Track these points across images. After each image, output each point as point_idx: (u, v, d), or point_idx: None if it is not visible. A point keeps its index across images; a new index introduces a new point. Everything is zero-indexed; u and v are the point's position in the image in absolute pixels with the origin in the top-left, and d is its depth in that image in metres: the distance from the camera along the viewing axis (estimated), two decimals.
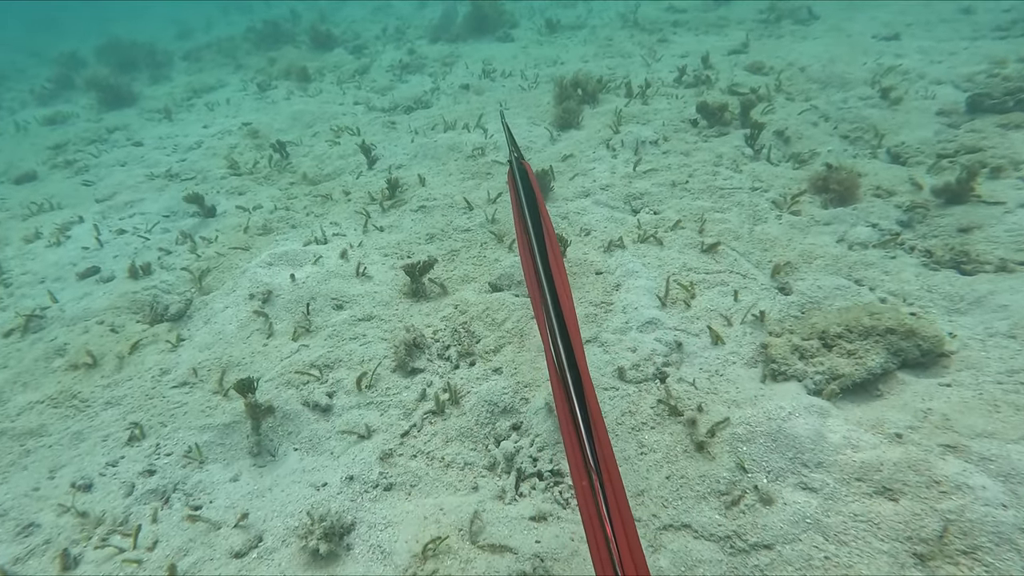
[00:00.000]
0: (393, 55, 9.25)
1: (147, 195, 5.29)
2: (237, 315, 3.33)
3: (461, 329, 2.99)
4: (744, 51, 7.03)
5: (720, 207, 3.72)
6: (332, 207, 4.46)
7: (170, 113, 7.65)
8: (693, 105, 5.37)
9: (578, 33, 9.19)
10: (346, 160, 5.27)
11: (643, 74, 6.56)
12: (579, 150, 4.69)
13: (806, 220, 3.54)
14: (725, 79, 6.03)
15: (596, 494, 1.10)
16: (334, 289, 3.39)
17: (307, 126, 6.48)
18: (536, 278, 1.65)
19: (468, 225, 3.85)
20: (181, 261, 4.04)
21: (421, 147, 5.01)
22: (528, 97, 6.18)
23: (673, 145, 4.61)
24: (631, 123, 5.10)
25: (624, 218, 3.71)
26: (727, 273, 3.13)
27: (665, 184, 4.04)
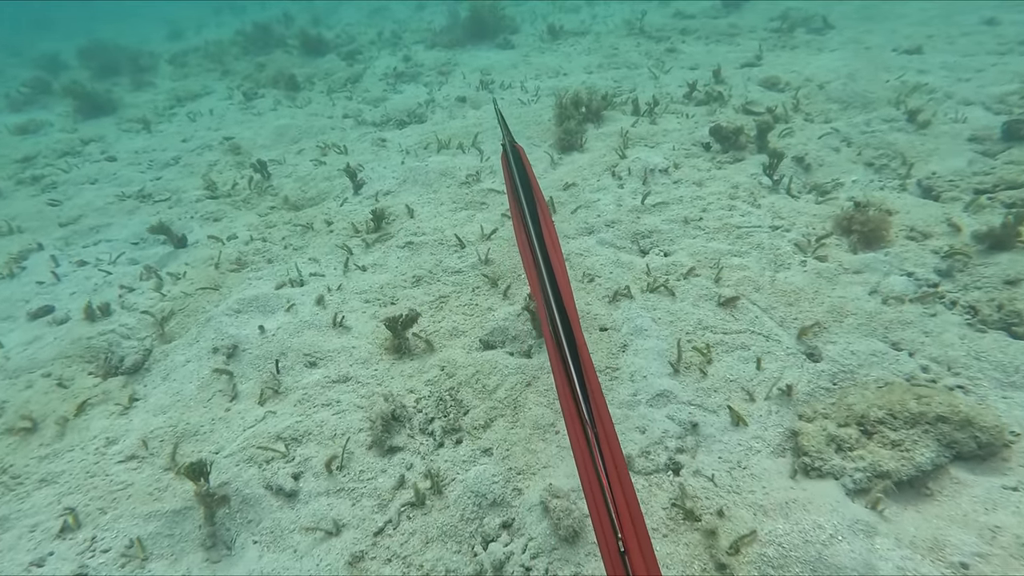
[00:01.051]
0: (388, 62, 8.96)
1: (115, 219, 4.99)
2: (199, 372, 3.02)
3: (447, 397, 2.69)
4: (757, 64, 6.74)
5: (738, 250, 3.41)
6: (312, 239, 4.15)
7: (149, 124, 7.35)
8: (705, 125, 5.07)
9: (582, 40, 8.89)
10: (331, 183, 4.97)
11: (651, 88, 6.26)
12: (582, 177, 4.39)
13: (834, 267, 3.23)
14: (738, 96, 5.73)
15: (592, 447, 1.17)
16: (307, 343, 3.09)
17: (292, 142, 6.18)
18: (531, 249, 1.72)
19: (459, 266, 3.54)
20: (144, 301, 3.73)
21: (411, 171, 4.71)
22: (528, 113, 5.88)
23: (685, 173, 4.31)
24: (638, 146, 4.80)
25: (632, 261, 3.41)
26: (747, 334, 2.82)
27: (677, 220, 3.73)
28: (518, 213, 2.05)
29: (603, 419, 1.23)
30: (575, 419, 1.26)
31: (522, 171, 2.26)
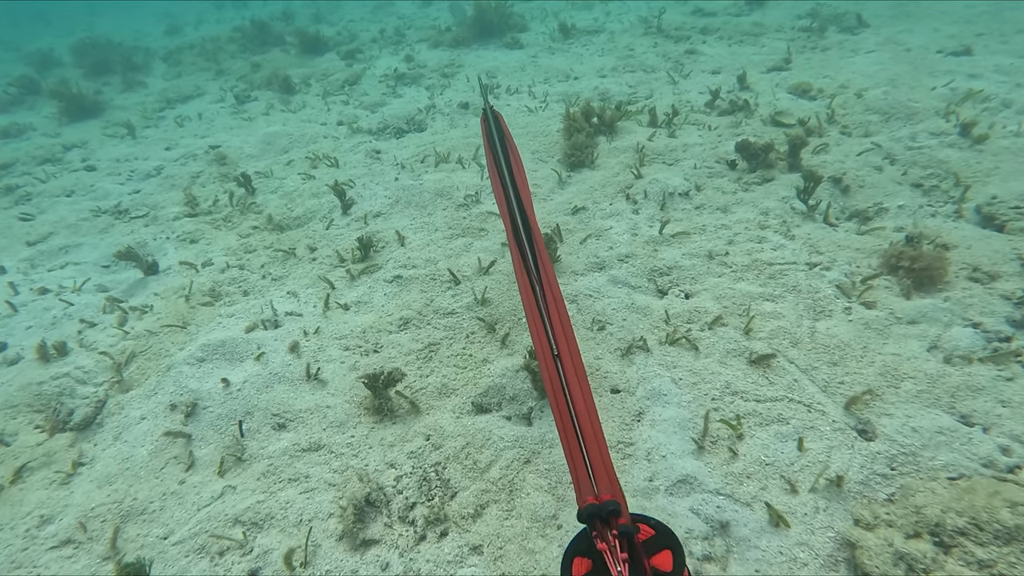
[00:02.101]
0: (388, 62, 8.62)
1: (87, 238, 4.70)
2: (153, 433, 2.70)
3: (432, 474, 2.34)
4: (786, 67, 6.32)
5: (770, 293, 3.03)
6: (294, 267, 3.83)
7: (134, 130, 7.08)
8: (729, 138, 4.68)
9: (595, 40, 8.50)
10: (319, 200, 4.64)
11: (669, 95, 5.87)
12: (593, 200, 4.02)
13: (884, 316, 2.84)
14: (766, 105, 5.32)
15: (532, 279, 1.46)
16: (277, 400, 2.76)
17: (282, 151, 5.86)
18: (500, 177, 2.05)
19: (452, 306, 3.20)
20: (105, 339, 3.43)
21: (405, 190, 4.37)
22: (535, 123, 5.51)
23: (708, 197, 3.93)
24: (656, 163, 4.42)
25: (648, 305, 3.04)
26: (785, 402, 2.45)
27: (699, 255, 3.36)
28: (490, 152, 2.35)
29: (545, 263, 1.55)
30: (520, 262, 1.57)
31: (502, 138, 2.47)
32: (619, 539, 0.94)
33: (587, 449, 1.15)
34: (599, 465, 1.12)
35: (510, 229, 1.76)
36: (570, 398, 1.21)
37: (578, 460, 1.15)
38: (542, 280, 1.44)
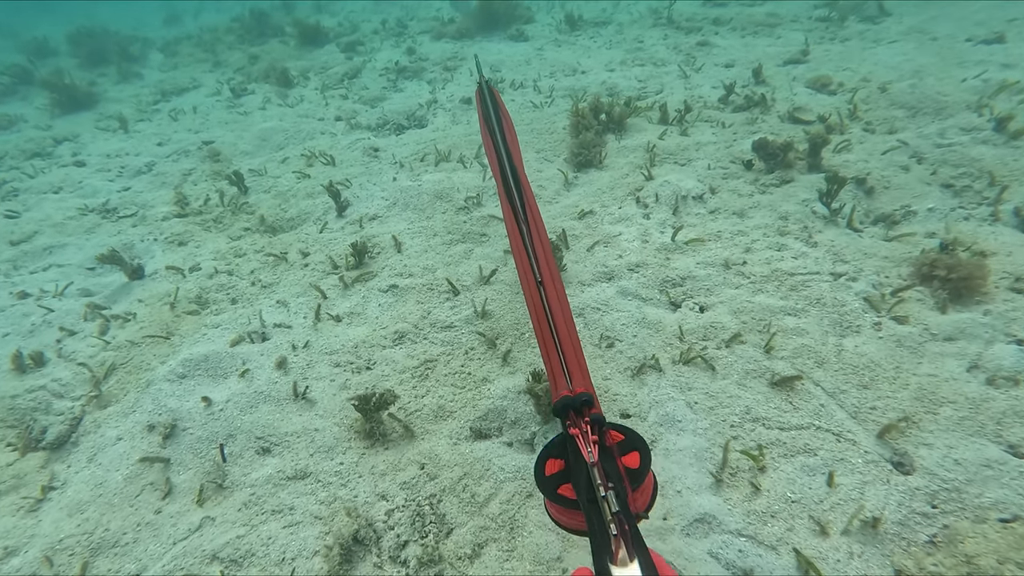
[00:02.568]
0: (390, 55, 8.41)
1: (72, 238, 4.54)
2: (129, 455, 2.54)
3: (427, 508, 2.17)
4: (804, 60, 6.07)
5: (792, 307, 2.84)
6: (285, 274, 3.65)
7: (127, 123, 6.91)
8: (745, 136, 4.47)
9: (603, 31, 8.26)
10: (314, 201, 4.46)
11: (681, 90, 5.65)
12: (601, 203, 3.82)
13: (917, 332, 2.64)
14: (783, 100, 5.10)
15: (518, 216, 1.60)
16: (262, 422, 2.59)
17: (277, 148, 5.68)
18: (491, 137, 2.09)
19: (451, 319, 3.02)
20: (85, 349, 3.27)
21: (403, 192, 4.18)
22: (540, 119, 5.30)
23: (723, 200, 3.72)
24: (667, 163, 4.21)
25: (660, 319, 2.85)
26: (812, 430, 2.26)
27: (715, 264, 3.16)
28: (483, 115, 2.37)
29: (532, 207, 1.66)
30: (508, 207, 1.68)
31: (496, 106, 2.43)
32: (590, 425, 1.01)
33: (563, 351, 1.24)
34: (574, 365, 1.21)
35: (499, 177, 1.87)
36: (550, 312, 1.32)
37: (555, 361, 1.23)
38: (529, 222, 1.57)
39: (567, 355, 1.24)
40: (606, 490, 0.85)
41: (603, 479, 0.88)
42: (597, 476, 0.88)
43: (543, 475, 1.05)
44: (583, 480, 0.93)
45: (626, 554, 0.77)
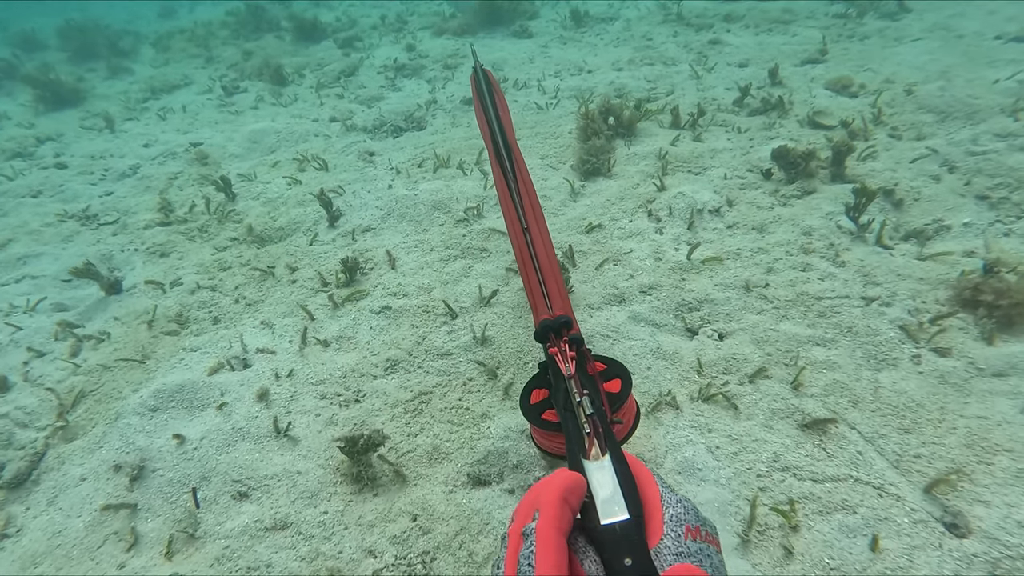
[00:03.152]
0: (388, 52, 8.19)
1: (49, 247, 4.34)
2: (92, 499, 2.34)
3: (419, 567, 1.96)
4: (822, 60, 5.84)
5: (821, 336, 2.62)
6: (271, 291, 3.44)
7: (113, 123, 6.70)
8: (762, 142, 4.25)
9: (609, 28, 8.02)
10: (304, 209, 4.25)
11: (693, 91, 5.42)
12: (610, 216, 3.60)
13: (962, 366, 2.43)
14: (802, 103, 4.87)
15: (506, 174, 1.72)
16: (239, 462, 2.38)
17: (268, 151, 5.47)
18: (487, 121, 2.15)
19: (448, 346, 2.80)
20: (54, 372, 3.06)
21: (398, 202, 3.96)
22: (545, 121, 5.08)
23: (741, 213, 3.50)
24: (680, 172, 3.99)
25: (677, 349, 2.63)
26: (849, 482, 2.05)
27: (734, 285, 2.94)
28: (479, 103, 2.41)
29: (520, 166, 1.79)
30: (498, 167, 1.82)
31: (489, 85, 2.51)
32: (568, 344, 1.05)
33: (545, 283, 1.31)
34: (555, 294, 1.28)
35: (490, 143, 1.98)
36: (535, 253, 1.39)
37: (536, 291, 1.31)
38: (518, 180, 1.67)
39: (548, 286, 1.31)
40: (581, 396, 0.89)
41: (579, 388, 0.91)
42: (574, 387, 0.92)
43: (528, 404, 1.11)
44: (561, 393, 0.97)
45: (598, 450, 0.79)
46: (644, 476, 0.73)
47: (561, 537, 0.60)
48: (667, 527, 0.66)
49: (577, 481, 0.67)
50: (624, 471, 0.74)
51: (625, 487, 0.71)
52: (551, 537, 0.59)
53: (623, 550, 0.64)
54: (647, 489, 0.71)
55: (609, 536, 0.66)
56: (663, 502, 0.69)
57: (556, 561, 0.57)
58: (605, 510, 0.69)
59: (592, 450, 0.80)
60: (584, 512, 0.70)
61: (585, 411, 0.86)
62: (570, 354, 1.03)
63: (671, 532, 0.65)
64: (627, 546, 0.65)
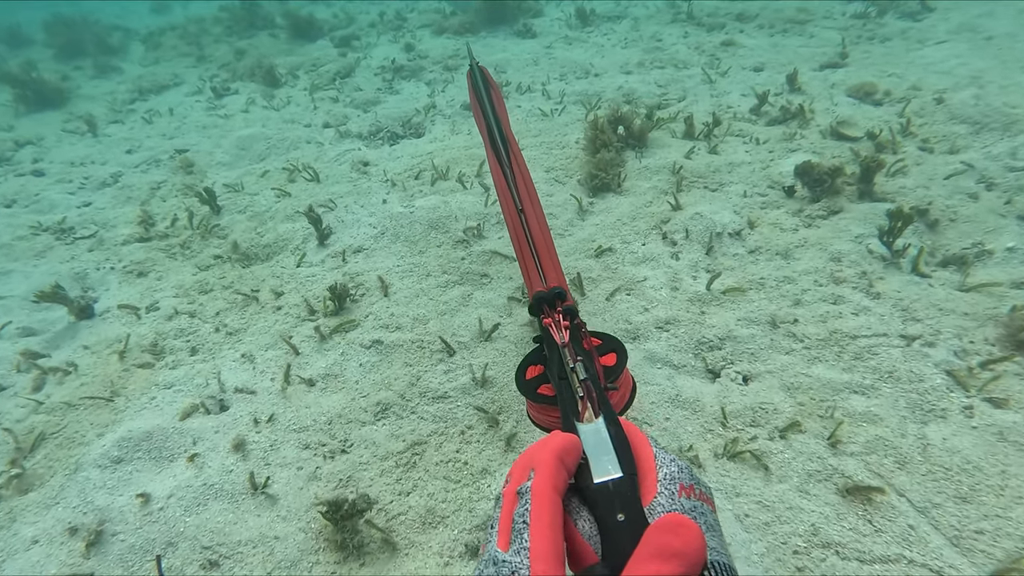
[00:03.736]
0: (386, 51, 7.95)
1: (19, 263, 4.11)
2: (44, 566, 2.11)
3: None
4: (842, 64, 5.59)
5: (859, 382, 2.38)
6: (254, 318, 3.21)
7: (96, 126, 6.47)
8: (783, 154, 4.01)
9: (617, 27, 7.78)
10: (293, 225, 4.02)
11: (706, 97, 5.18)
12: (621, 238, 3.37)
13: (1022, 420, 2.19)
14: (823, 112, 4.63)
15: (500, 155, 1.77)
16: (211, 525, 2.15)
17: (257, 159, 5.23)
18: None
19: (444, 388, 2.57)
20: (13, 410, 2.84)
21: (393, 220, 3.73)
22: (550, 130, 4.84)
23: (764, 236, 3.26)
24: (696, 189, 3.75)
25: (698, 394, 2.40)
26: (903, 564, 1.81)
27: (759, 320, 2.71)
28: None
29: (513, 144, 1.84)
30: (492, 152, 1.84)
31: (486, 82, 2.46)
32: (562, 314, 1.08)
33: (539, 256, 1.33)
34: (549, 266, 1.31)
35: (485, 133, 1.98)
36: (528, 230, 1.42)
37: (531, 265, 1.32)
38: (513, 166, 1.69)
39: (543, 260, 1.33)
40: (575, 362, 0.88)
41: (572, 356, 0.91)
42: (567, 354, 0.92)
43: (523, 379, 1.09)
44: (555, 363, 0.96)
45: (592, 413, 0.79)
46: (638, 437, 0.73)
47: (556, 496, 0.60)
48: (661, 485, 0.65)
49: (572, 442, 0.67)
50: (618, 432, 0.73)
51: (619, 447, 0.71)
52: (547, 495, 0.58)
53: (616, 507, 0.64)
54: (641, 449, 0.71)
55: (602, 494, 0.65)
56: (657, 462, 0.68)
57: (551, 519, 0.56)
58: (598, 469, 0.68)
59: (585, 413, 0.81)
60: (577, 473, 0.69)
61: (579, 376, 0.86)
62: (564, 324, 1.03)
63: (664, 490, 0.64)
64: (620, 502, 0.64)
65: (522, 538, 0.55)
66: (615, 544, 0.61)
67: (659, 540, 0.50)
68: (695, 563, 0.49)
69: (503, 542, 0.57)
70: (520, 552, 0.54)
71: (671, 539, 0.50)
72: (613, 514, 0.63)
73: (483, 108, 2.14)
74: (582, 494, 0.68)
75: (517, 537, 0.56)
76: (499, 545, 0.57)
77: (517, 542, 0.55)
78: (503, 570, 0.53)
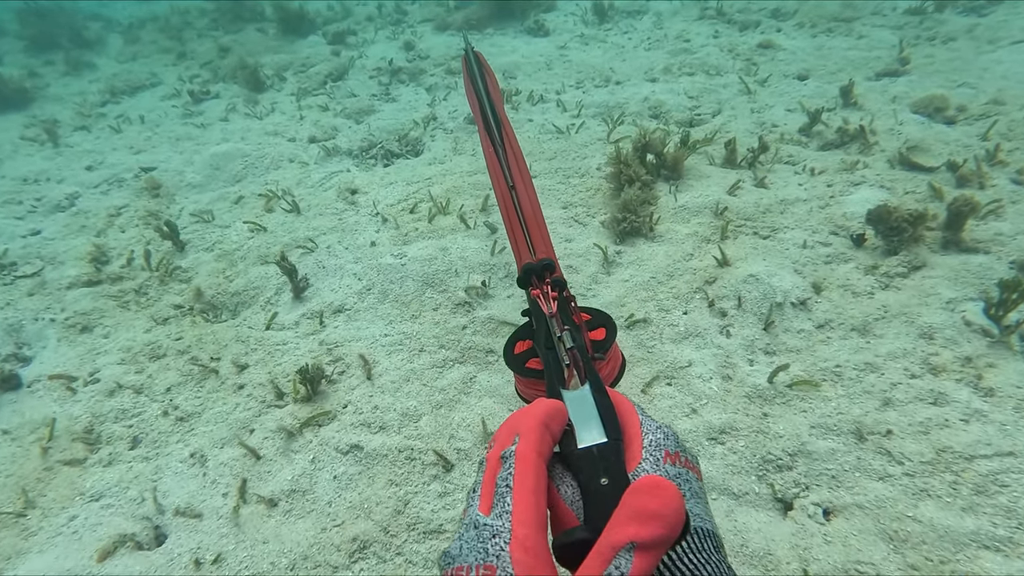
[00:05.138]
0: (384, 50, 7.43)
1: None
2: None
3: None
4: (902, 71, 5.03)
5: (988, 531, 1.87)
6: (211, 399, 2.73)
7: (57, 136, 5.98)
8: (844, 188, 3.51)
9: (637, 24, 7.22)
10: (267, 269, 3.53)
11: (745, 113, 4.64)
12: (657, 303, 2.85)
13: None
14: (887, 132, 4.08)
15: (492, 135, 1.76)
16: None
17: (232, 180, 4.74)
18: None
19: (440, 518, 2.08)
20: None
21: (381, 273, 3.23)
22: (566, 151, 4.32)
23: (834, 304, 2.74)
24: (745, 236, 3.23)
25: (768, 541, 1.89)
26: None
27: (840, 429, 2.19)
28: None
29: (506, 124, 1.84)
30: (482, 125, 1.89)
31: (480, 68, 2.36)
32: (551, 286, 1.08)
33: (528, 230, 1.37)
34: (538, 239, 1.34)
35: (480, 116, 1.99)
36: (519, 205, 1.45)
37: (520, 239, 1.37)
38: (505, 144, 1.73)
39: (532, 234, 1.35)
40: (561, 331, 0.89)
41: (560, 325, 0.92)
42: (554, 324, 0.93)
43: (512, 354, 1.11)
44: (542, 334, 0.97)
45: (578, 380, 0.80)
46: (625, 405, 0.74)
47: (541, 460, 0.59)
48: (646, 452, 0.66)
49: (558, 407, 0.66)
50: (604, 400, 0.73)
51: (604, 413, 0.71)
52: (530, 460, 0.58)
53: (600, 471, 0.64)
54: (627, 416, 0.72)
55: (586, 459, 0.66)
56: (643, 429, 0.69)
57: (534, 484, 0.56)
58: (583, 434, 0.69)
59: (571, 381, 0.82)
60: (562, 440, 0.69)
61: (565, 345, 0.87)
62: (552, 295, 1.04)
63: (649, 456, 0.66)
64: (604, 467, 0.64)
65: (505, 502, 0.55)
66: (597, 508, 0.61)
67: (637, 502, 0.50)
68: (674, 524, 0.49)
69: (485, 506, 0.56)
70: (502, 516, 0.54)
71: (649, 501, 0.49)
72: (596, 479, 0.63)
73: (476, 89, 2.17)
74: (566, 460, 0.67)
75: (500, 501, 0.55)
76: (480, 509, 0.56)
77: (499, 506, 0.55)
78: (484, 533, 0.54)
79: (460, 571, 0.52)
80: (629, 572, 0.46)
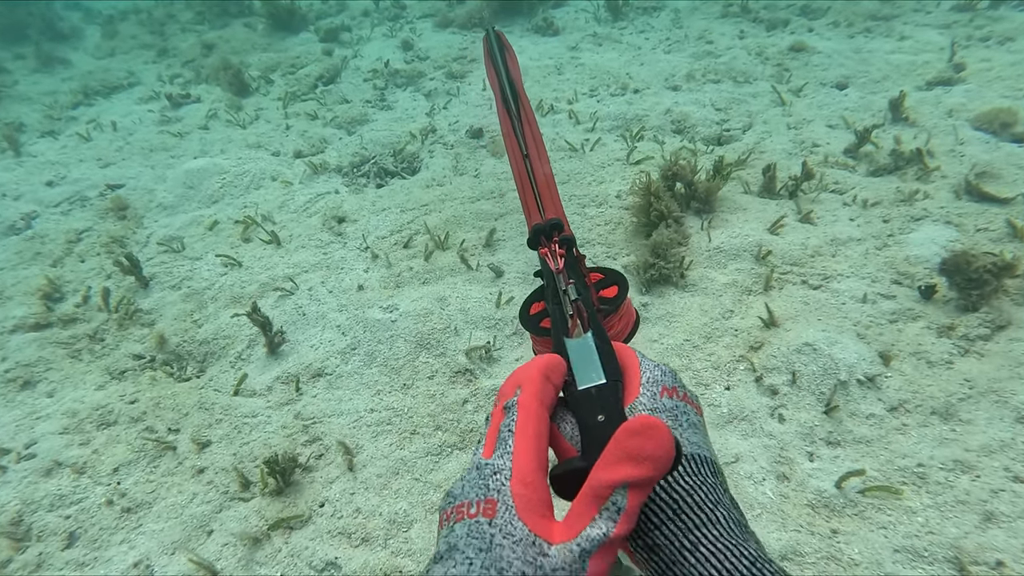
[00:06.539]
0: (380, 48, 7.04)
1: None
2: None
3: None
4: (956, 79, 4.62)
5: None
6: (164, 486, 2.37)
7: (19, 144, 5.61)
8: (904, 225, 3.13)
9: (654, 22, 6.81)
10: (239, 314, 3.15)
11: (781, 128, 4.25)
12: (693, 372, 2.47)
13: None
14: (946, 153, 3.69)
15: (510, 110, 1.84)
16: None
17: (208, 201, 4.36)
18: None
19: None
20: None
21: (368, 329, 2.85)
22: (581, 173, 3.94)
23: (908, 380, 2.36)
24: (791, 283, 2.85)
25: None
26: None
27: (933, 554, 1.82)
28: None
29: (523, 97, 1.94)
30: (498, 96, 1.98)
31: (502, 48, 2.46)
32: (559, 243, 1.12)
33: (539, 193, 1.41)
34: (548, 200, 1.39)
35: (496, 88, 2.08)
36: (532, 173, 1.49)
37: (531, 201, 1.41)
38: (521, 115, 1.80)
39: (543, 195, 1.40)
40: (567, 285, 0.93)
41: (565, 280, 0.96)
42: (560, 280, 0.97)
43: (527, 314, 1.15)
44: (550, 290, 1.00)
45: (581, 329, 0.83)
46: (626, 351, 0.76)
47: (543, 408, 0.62)
48: (643, 388, 0.69)
49: (557, 360, 0.70)
50: (605, 346, 0.76)
51: (604, 357, 0.74)
52: (532, 407, 0.61)
53: (598, 409, 0.67)
54: (627, 360, 0.74)
55: (585, 398, 0.69)
56: (642, 368, 0.72)
57: (536, 429, 0.59)
58: (583, 377, 0.72)
59: (575, 330, 0.84)
60: (565, 386, 0.72)
61: (570, 297, 0.90)
62: (559, 252, 1.07)
63: (647, 391, 0.68)
64: (602, 405, 0.67)
65: (507, 444, 0.57)
66: (593, 441, 0.64)
67: (628, 443, 0.51)
68: (665, 464, 0.51)
69: (488, 451, 0.58)
70: (504, 456, 0.56)
71: (643, 443, 0.51)
72: (594, 416, 0.66)
73: (495, 62, 2.25)
74: (567, 402, 0.71)
75: (501, 444, 0.58)
76: (484, 455, 0.58)
77: (501, 448, 0.57)
78: (486, 471, 0.56)
79: (462, 507, 0.54)
80: (626, 507, 0.50)
